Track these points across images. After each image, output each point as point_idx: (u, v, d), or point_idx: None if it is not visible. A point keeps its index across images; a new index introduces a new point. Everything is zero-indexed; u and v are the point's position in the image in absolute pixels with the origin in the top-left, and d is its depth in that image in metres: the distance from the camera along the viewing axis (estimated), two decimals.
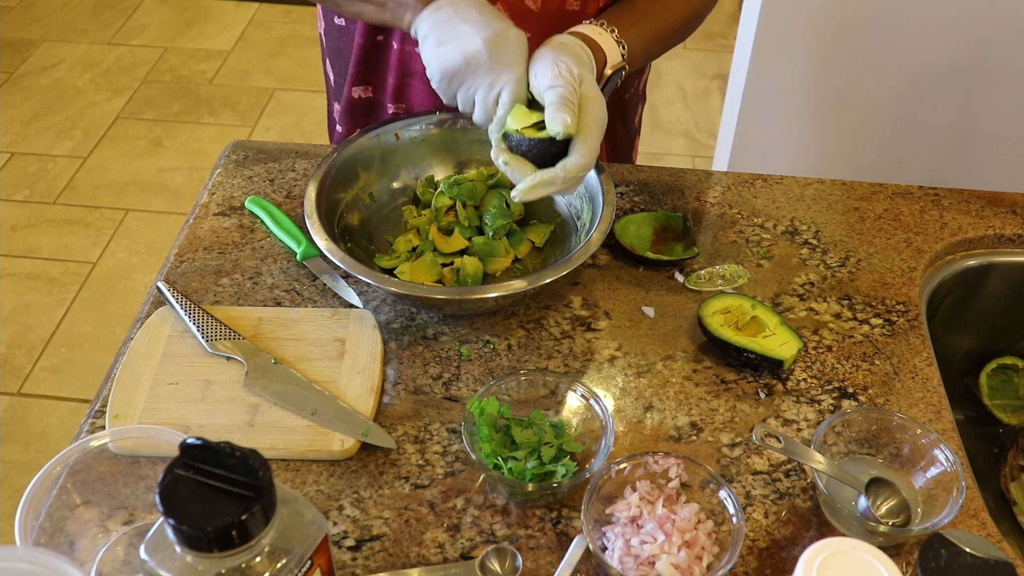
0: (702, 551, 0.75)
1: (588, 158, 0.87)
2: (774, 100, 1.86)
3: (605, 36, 0.97)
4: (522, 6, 1.06)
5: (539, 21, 1.07)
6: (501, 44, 0.88)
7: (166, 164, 2.86)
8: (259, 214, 1.08)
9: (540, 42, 1.08)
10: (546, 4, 1.06)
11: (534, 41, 1.08)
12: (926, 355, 0.95)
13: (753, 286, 1.02)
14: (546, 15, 1.06)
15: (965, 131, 1.85)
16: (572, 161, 0.87)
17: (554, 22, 1.07)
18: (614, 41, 0.97)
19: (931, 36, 1.72)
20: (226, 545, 0.56)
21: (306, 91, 3.17)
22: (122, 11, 3.56)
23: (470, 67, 0.88)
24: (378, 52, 1.14)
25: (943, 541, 0.65)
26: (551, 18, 1.07)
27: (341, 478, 0.83)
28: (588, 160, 0.87)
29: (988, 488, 1.11)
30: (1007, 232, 1.11)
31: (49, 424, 2.09)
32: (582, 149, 0.87)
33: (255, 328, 0.95)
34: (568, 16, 1.07)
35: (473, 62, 0.88)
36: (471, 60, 0.88)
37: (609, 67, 0.97)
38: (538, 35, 1.08)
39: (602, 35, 0.97)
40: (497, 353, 0.94)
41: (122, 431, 0.80)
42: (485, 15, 0.89)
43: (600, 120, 0.89)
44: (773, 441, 0.78)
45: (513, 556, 0.76)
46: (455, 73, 0.89)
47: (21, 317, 2.34)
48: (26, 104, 3.08)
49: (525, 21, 1.07)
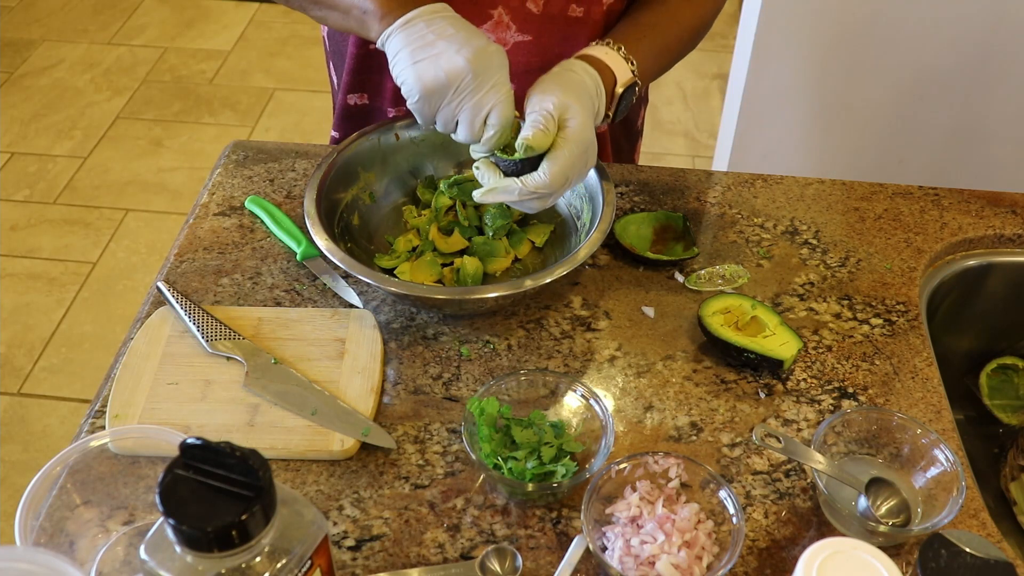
0: (702, 551, 0.75)
1: (550, 178, 0.86)
2: (774, 100, 1.86)
3: (612, 55, 0.96)
4: (524, 9, 1.05)
5: (541, 25, 1.07)
6: (485, 62, 0.84)
7: (166, 164, 2.86)
8: (259, 214, 1.08)
9: (540, 45, 1.08)
10: (548, 8, 1.05)
11: (534, 44, 1.08)
12: (926, 355, 0.95)
13: (753, 286, 1.02)
14: (548, 19, 1.06)
15: (965, 131, 1.85)
16: (531, 177, 0.86)
17: (556, 26, 1.07)
18: (622, 59, 0.96)
19: (931, 36, 1.72)
20: (226, 545, 0.56)
21: (306, 91, 3.17)
22: (122, 11, 3.56)
23: (452, 86, 0.84)
24: (372, 60, 1.13)
25: (943, 541, 0.65)
26: (553, 22, 1.06)
27: (341, 478, 0.83)
28: (550, 180, 0.86)
29: (988, 488, 1.11)
30: (1007, 232, 1.11)
31: (49, 424, 2.09)
32: (546, 167, 0.86)
33: (255, 328, 0.95)
34: (570, 21, 1.06)
35: (456, 81, 0.84)
36: (454, 79, 0.84)
37: (620, 85, 0.96)
38: (539, 39, 1.08)
39: (609, 54, 0.96)
40: (497, 353, 0.94)
41: (122, 431, 0.80)
42: (462, 30, 0.86)
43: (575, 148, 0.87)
44: (773, 441, 0.78)
45: (513, 556, 0.76)
46: (436, 92, 0.85)
47: (21, 317, 2.34)
48: (26, 104, 3.08)
49: (527, 25, 1.07)
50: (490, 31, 1.07)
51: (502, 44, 1.08)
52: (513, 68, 1.09)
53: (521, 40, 1.07)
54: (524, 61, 1.09)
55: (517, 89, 1.10)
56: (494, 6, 1.05)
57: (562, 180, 0.87)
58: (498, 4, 1.05)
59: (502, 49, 0.88)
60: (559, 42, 1.06)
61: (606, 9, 1.06)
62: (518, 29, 1.07)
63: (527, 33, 1.07)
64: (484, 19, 1.06)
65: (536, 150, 0.85)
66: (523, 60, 1.09)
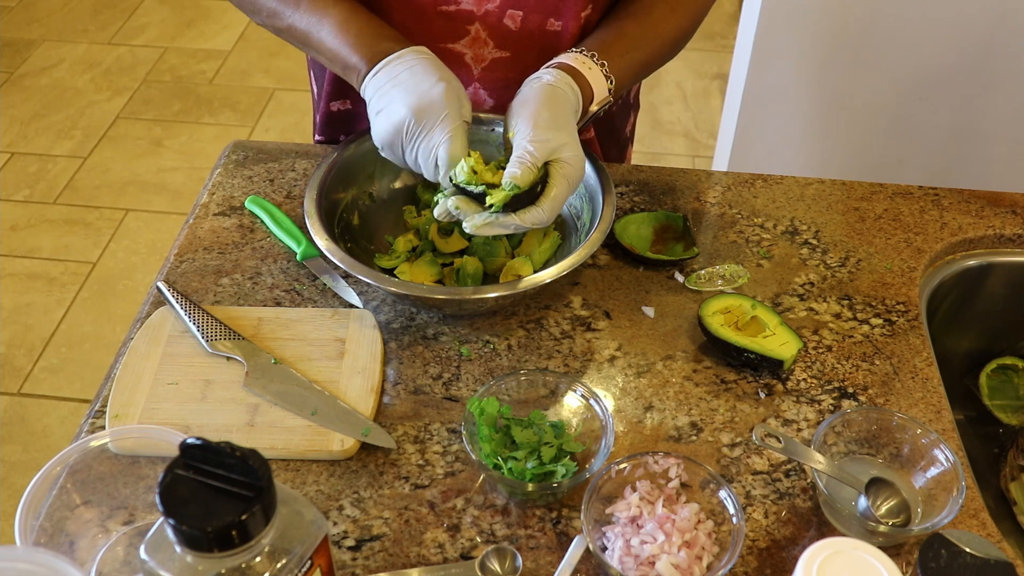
0: (702, 551, 0.75)
1: (548, 214, 0.89)
2: (774, 100, 1.86)
3: (595, 71, 0.96)
4: (501, 26, 1.05)
5: (519, 42, 1.06)
6: (425, 107, 0.88)
7: (166, 164, 2.86)
8: (259, 214, 1.08)
9: (519, 61, 1.07)
10: (526, 24, 1.04)
11: (512, 61, 1.08)
12: (926, 355, 0.95)
13: (753, 286, 1.02)
14: (526, 35, 1.05)
15: (965, 131, 1.85)
16: (531, 214, 0.88)
17: (535, 42, 1.06)
18: (603, 76, 0.96)
19: (931, 36, 1.72)
20: (226, 545, 0.56)
21: (306, 91, 3.17)
22: (122, 11, 3.56)
23: (399, 135, 0.90)
24: None
25: (943, 541, 0.65)
26: (531, 38, 1.05)
27: (341, 478, 0.83)
28: (548, 216, 0.89)
29: (988, 488, 1.11)
30: (1007, 232, 1.11)
31: (49, 424, 2.09)
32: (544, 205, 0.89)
33: (255, 328, 0.95)
34: (548, 36, 1.05)
35: (402, 130, 0.89)
36: (399, 129, 0.89)
37: (595, 104, 0.96)
38: (518, 55, 1.07)
39: (592, 70, 0.95)
40: (497, 353, 0.94)
41: (122, 431, 0.80)
42: (416, 75, 0.90)
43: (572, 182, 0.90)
44: (773, 441, 0.78)
45: (513, 556, 0.76)
46: (392, 143, 0.91)
47: (21, 317, 2.34)
48: (26, 104, 3.08)
49: (505, 41, 1.06)
50: (467, 48, 1.06)
51: (480, 60, 1.08)
52: (492, 83, 1.09)
53: (499, 56, 1.07)
54: (503, 76, 1.08)
55: (496, 104, 1.11)
56: (471, 22, 1.04)
57: (557, 211, 0.90)
58: (475, 20, 1.04)
59: (449, 85, 0.90)
60: (537, 57, 1.04)
61: (583, 22, 1.05)
62: (496, 45, 1.06)
63: (505, 49, 1.07)
64: (461, 35, 1.05)
65: (523, 188, 0.87)
66: (501, 76, 1.08)
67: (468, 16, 1.04)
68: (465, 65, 1.08)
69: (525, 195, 0.88)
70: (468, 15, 1.04)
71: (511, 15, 1.04)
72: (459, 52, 1.07)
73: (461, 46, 1.06)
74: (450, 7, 1.03)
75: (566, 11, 1.03)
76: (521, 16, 1.04)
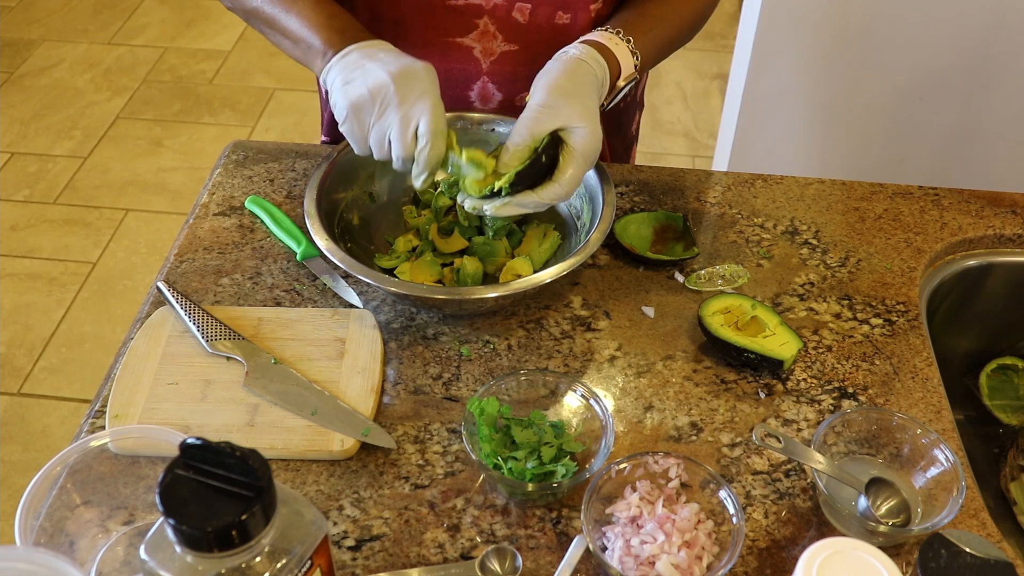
0: (702, 551, 0.75)
1: (566, 188, 0.89)
2: (774, 100, 1.86)
3: (621, 46, 0.96)
4: (510, 19, 1.05)
5: (528, 35, 1.06)
6: (408, 76, 0.85)
7: (166, 164, 2.86)
8: (259, 214, 1.08)
9: (528, 54, 1.08)
10: (534, 17, 1.05)
11: (522, 53, 1.08)
12: (926, 355, 0.95)
13: (753, 286, 1.02)
14: (535, 27, 1.06)
15: (965, 131, 1.85)
16: (548, 192, 0.89)
17: (543, 35, 1.06)
18: (629, 52, 0.97)
19: (931, 36, 1.72)
20: (226, 545, 0.56)
21: (306, 91, 3.17)
22: (122, 11, 3.56)
23: (376, 100, 0.85)
24: None
25: (943, 541, 0.65)
26: (540, 31, 1.06)
27: (341, 478, 0.83)
28: (566, 191, 0.89)
29: (988, 488, 1.11)
30: (1007, 232, 1.11)
31: (49, 424, 2.09)
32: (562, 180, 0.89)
33: (255, 328, 0.95)
34: (557, 29, 1.06)
35: (379, 95, 0.85)
36: (376, 93, 0.85)
37: (623, 79, 0.97)
38: (526, 48, 1.08)
39: (619, 45, 0.96)
40: (497, 353, 0.94)
41: (122, 431, 0.80)
42: (392, 54, 0.88)
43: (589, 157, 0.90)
44: (773, 441, 0.78)
45: (513, 556, 0.76)
46: (362, 108, 0.86)
47: (21, 317, 2.34)
48: (26, 104, 3.08)
49: (513, 34, 1.06)
50: (476, 41, 1.07)
51: (489, 54, 1.08)
52: (501, 77, 1.10)
53: (508, 50, 1.07)
54: (511, 70, 1.09)
55: (505, 98, 1.11)
56: (480, 16, 1.05)
57: (576, 186, 0.91)
58: (484, 14, 1.04)
59: (430, 67, 0.89)
60: (546, 50, 1.05)
61: (593, 15, 1.06)
62: (505, 39, 1.07)
63: (514, 43, 1.07)
64: (470, 29, 1.06)
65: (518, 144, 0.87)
66: (510, 69, 1.09)
67: (477, 10, 1.04)
68: (474, 59, 1.08)
69: (534, 168, 0.88)
70: (477, 9, 1.04)
71: (520, 8, 1.04)
72: (468, 46, 1.07)
73: (470, 40, 1.07)
74: (459, 1, 1.03)
75: (575, 4, 1.04)
76: (530, 9, 1.04)
